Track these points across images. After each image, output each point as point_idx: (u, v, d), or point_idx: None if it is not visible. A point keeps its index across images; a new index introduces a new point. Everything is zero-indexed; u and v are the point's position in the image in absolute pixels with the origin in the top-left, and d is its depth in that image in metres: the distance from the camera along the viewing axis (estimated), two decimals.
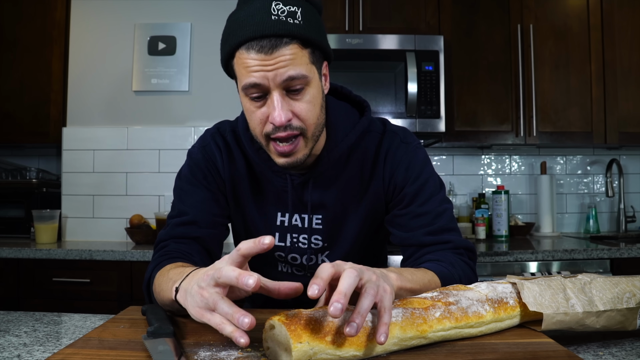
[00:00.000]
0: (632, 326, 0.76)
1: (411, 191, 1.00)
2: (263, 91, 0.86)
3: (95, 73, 2.65)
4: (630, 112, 2.55)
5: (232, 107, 2.65)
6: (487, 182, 2.90)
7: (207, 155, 1.06)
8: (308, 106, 0.88)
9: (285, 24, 0.83)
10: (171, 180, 2.60)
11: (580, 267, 2.14)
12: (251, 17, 0.84)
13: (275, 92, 0.85)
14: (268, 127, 0.89)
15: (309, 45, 0.87)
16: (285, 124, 0.86)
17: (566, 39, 2.55)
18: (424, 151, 1.05)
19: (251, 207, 1.06)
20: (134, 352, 0.64)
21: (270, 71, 0.83)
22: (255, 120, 0.90)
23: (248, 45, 0.84)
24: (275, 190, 1.04)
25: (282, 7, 0.84)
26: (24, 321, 0.90)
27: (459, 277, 0.91)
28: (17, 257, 2.16)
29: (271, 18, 0.83)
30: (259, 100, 0.88)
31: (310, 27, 0.86)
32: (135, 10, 2.67)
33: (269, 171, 1.02)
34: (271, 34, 0.82)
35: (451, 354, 0.64)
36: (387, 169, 1.02)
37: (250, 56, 0.84)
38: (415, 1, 2.52)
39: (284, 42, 0.83)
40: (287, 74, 0.83)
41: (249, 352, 0.65)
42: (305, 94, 0.88)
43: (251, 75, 0.84)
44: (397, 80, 2.39)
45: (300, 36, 0.84)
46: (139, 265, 2.15)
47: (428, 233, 0.98)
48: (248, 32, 0.83)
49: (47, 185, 2.62)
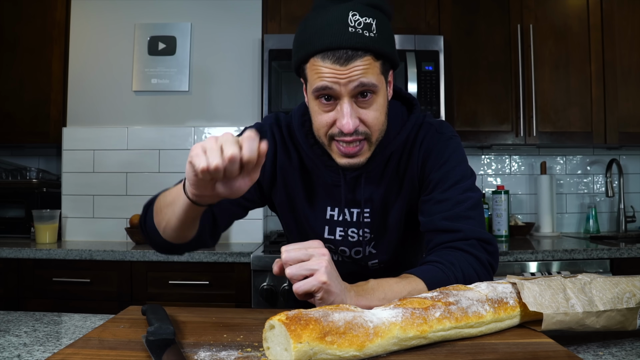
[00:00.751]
0: (632, 326, 0.76)
1: (436, 177, 1.02)
2: (333, 96, 0.90)
3: (95, 73, 2.65)
4: (630, 112, 2.54)
5: (232, 107, 2.66)
6: (487, 182, 2.90)
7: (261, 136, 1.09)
8: (375, 114, 0.93)
9: (361, 37, 0.87)
10: (171, 180, 2.62)
11: (580, 267, 2.14)
12: (329, 26, 0.87)
13: (345, 99, 0.89)
14: (334, 130, 0.93)
15: (381, 57, 0.91)
16: (352, 131, 0.90)
17: (566, 39, 2.55)
18: (457, 141, 1.06)
19: (301, 199, 1.10)
20: (134, 352, 0.64)
21: (343, 79, 0.87)
22: (322, 122, 0.94)
23: (324, 54, 0.88)
24: (326, 185, 1.07)
25: (359, 19, 0.87)
26: (24, 321, 0.90)
27: (456, 278, 0.90)
28: (17, 257, 2.16)
29: (348, 30, 0.86)
30: (329, 105, 0.92)
31: (383, 40, 0.90)
32: (135, 10, 2.67)
33: (322, 166, 1.05)
34: (348, 47, 0.86)
35: (451, 354, 0.64)
36: (420, 158, 1.05)
37: (325, 65, 0.88)
38: (415, 1, 2.51)
39: (359, 54, 0.87)
40: (359, 81, 0.88)
41: (249, 352, 0.65)
42: (373, 102, 0.92)
43: (323, 79, 0.88)
44: (397, 80, 2.39)
45: (374, 50, 0.88)
46: (139, 265, 2.15)
47: (444, 218, 0.98)
48: (325, 42, 0.87)
49: (47, 185, 2.62)
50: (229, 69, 2.65)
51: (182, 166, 2.62)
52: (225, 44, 2.64)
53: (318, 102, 0.92)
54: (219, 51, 2.64)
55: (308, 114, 1.04)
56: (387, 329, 0.63)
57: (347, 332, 0.60)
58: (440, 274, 0.90)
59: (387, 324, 0.64)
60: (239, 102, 2.66)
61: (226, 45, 2.64)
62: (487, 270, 0.96)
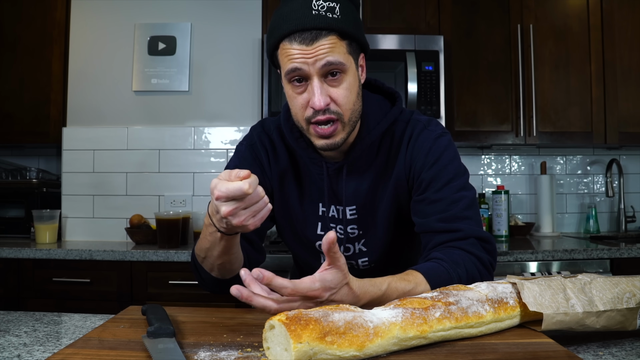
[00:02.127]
0: (632, 326, 0.76)
1: (428, 177, 1.02)
2: (303, 76, 0.94)
3: (95, 73, 2.65)
4: (630, 112, 2.54)
5: (232, 107, 2.66)
6: (487, 182, 2.90)
7: (254, 154, 1.12)
8: (345, 92, 0.96)
9: (324, 18, 0.92)
10: (171, 180, 2.62)
11: (580, 267, 2.14)
12: (294, 13, 0.93)
13: (315, 78, 0.93)
14: (309, 111, 0.96)
15: (346, 37, 0.95)
16: (324, 107, 0.94)
17: (566, 39, 2.55)
18: (447, 139, 1.06)
19: (295, 199, 1.12)
20: (134, 352, 0.64)
21: (310, 58, 0.92)
22: (297, 106, 0.97)
23: (291, 37, 0.93)
24: (315, 182, 1.10)
25: (322, 3, 0.93)
26: (24, 321, 0.90)
27: (459, 277, 0.90)
28: (17, 257, 2.16)
29: (312, 13, 0.92)
30: (301, 86, 0.95)
31: (347, 21, 0.94)
32: (135, 10, 2.67)
33: (307, 159, 1.08)
34: (312, 27, 0.91)
35: (451, 354, 0.64)
36: (408, 155, 1.06)
37: (292, 47, 0.93)
38: (415, 1, 2.51)
39: (323, 34, 0.92)
40: (325, 59, 0.92)
41: (249, 352, 0.65)
42: (342, 81, 0.95)
43: (293, 62, 0.93)
44: (397, 80, 2.39)
45: (338, 29, 0.93)
46: (139, 265, 2.15)
47: (440, 220, 0.98)
48: (291, 25, 0.92)
49: (47, 185, 2.62)
50: (229, 68, 2.65)
51: (182, 166, 2.62)
52: (225, 44, 2.64)
53: (291, 85, 0.96)
54: (219, 51, 2.64)
55: None
56: (387, 329, 0.63)
57: (347, 332, 0.60)
58: (445, 273, 0.90)
59: (387, 324, 0.64)
60: (239, 102, 2.66)
61: (226, 45, 2.64)
62: (488, 270, 0.96)
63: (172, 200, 2.61)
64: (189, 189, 2.62)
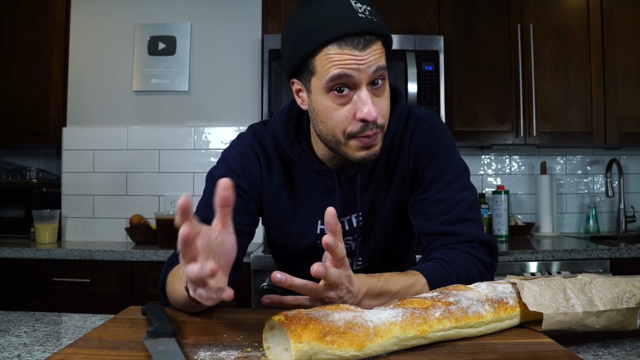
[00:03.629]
0: (632, 326, 0.76)
1: (430, 176, 0.99)
2: (350, 85, 0.86)
3: (95, 73, 2.65)
4: (630, 112, 2.54)
5: (232, 107, 2.66)
6: (487, 182, 2.90)
7: (244, 165, 1.03)
8: (386, 102, 0.91)
9: (373, 22, 0.86)
10: (171, 180, 2.62)
11: (580, 267, 2.14)
12: (338, 14, 0.85)
13: (364, 87, 0.86)
14: (355, 125, 0.88)
15: (386, 44, 0.91)
16: (377, 118, 0.87)
17: (566, 39, 2.55)
18: (449, 135, 1.03)
19: (289, 216, 1.05)
20: (134, 352, 0.64)
21: (363, 64, 0.85)
22: (340, 118, 0.88)
23: (340, 42, 0.84)
24: (314, 198, 1.03)
25: (361, 6, 0.87)
26: (24, 321, 0.90)
27: (458, 278, 0.89)
28: (17, 257, 2.16)
29: (359, 16, 0.85)
30: (344, 97, 0.87)
31: (386, 27, 0.90)
32: (135, 10, 2.67)
33: (312, 173, 1.01)
34: (365, 32, 0.85)
35: (451, 354, 0.64)
36: (411, 153, 1.01)
37: (343, 51, 0.84)
38: (415, 1, 2.51)
39: (374, 39, 0.86)
40: (377, 64, 0.86)
41: (249, 352, 0.65)
42: (384, 90, 0.90)
43: (342, 67, 0.84)
44: (397, 80, 2.39)
45: (384, 35, 0.88)
46: (139, 265, 2.15)
47: (443, 222, 0.95)
48: (340, 28, 0.84)
49: (47, 185, 2.62)
50: (229, 69, 2.65)
51: (182, 166, 2.62)
52: (225, 44, 2.64)
53: (331, 95, 0.87)
54: (219, 51, 2.64)
55: (291, 121, 1.01)
56: (387, 328, 0.63)
57: (347, 332, 0.60)
58: (444, 273, 0.89)
59: (387, 323, 0.64)
60: (239, 102, 2.66)
61: (226, 46, 2.64)
62: (489, 271, 0.95)
63: (172, 200, 2.61)
64: (189, 189, 2.62)
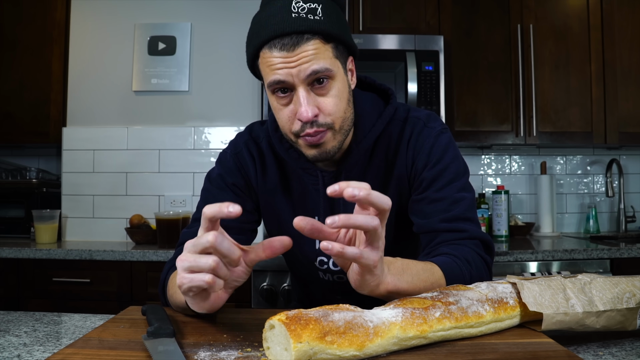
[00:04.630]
0: (632, 326, 0.76)
1: (429, 176, 0.98)
2: (288, 88, 0.87)
3: (95, 73, 2.65)
4: (630, 112, 2.54)
5: (232, 107, 2.66)
6: (487, 182, 2.90)
7: (240, 164, 1.05)
8: (334, 100, 0.88)
9: (305, 20, 0.84)
10: (171, 180, 2.62)
11: (580, 267, 2.14)
12: (272, 17, 0.85)
13: (301, 88, 0.86)
14: (296, 125, 0.89)
15: (331, 40, 0.87)
16: (312, 119, 0.86)
17: (566, 39, 2.55)
18: (448, 135, 1.02)
19: (287, 214, 1.05)
20: (134, 352, 0.64)
21: (294, 67, 0.84)
22: (284, 119, 0.90)
23: (270, 44, 0.85)
24: (308, 194, 1.03)
25: (302, 5, 0.85)
26: (24, 321, 0.90)
27: (470, 276, 0.87)
28: (17, 257, 2.16)
29: (291, 16, 0.84)
30: (286, 97, 0.88)
31: (331, 23, 0.86)
32: (135, 10, 2.67)
33: (299, 170, 1.01)
34: (292, 32, 0.83)
35: (451, 354, 0.64)
36: (409, 154, 1.00)
37: (273, 54, 0.85)
38: (415, 1, 2.51)
39: (305, 39, 0.84)
40: (310, 68, 0.84)
41: (249, 352, 0.65)
42: (330, 89, 0.88)
43: (275, 72, 0.85)
44: (397, 80, 2.39)
45: (321, 31, 0.85)
46: (139, 265, 2.15)
47: (443, 220, 0.94)
48: (269, 31, 0.84)
49: (47, 185, 2.62)
50: (229, 68, 2.65)
51: (182, 166, 2.62)
52: (225, 44, 2.64)
53: (275, 97, 0.89)
54: (219, 51, 2.64)
55: None
56: (387, 328, 0.63)
57: (347, 332, 0.60)
58: (457, 270, 0.87)
59: (387, 323, 0.64)
60: (239, 102, 2.66)
61: (226, 45, 2.64)
62: (490, 272, 0.96)
63: (172, 200, 2.61)
64: (189, 189, 2.62)
